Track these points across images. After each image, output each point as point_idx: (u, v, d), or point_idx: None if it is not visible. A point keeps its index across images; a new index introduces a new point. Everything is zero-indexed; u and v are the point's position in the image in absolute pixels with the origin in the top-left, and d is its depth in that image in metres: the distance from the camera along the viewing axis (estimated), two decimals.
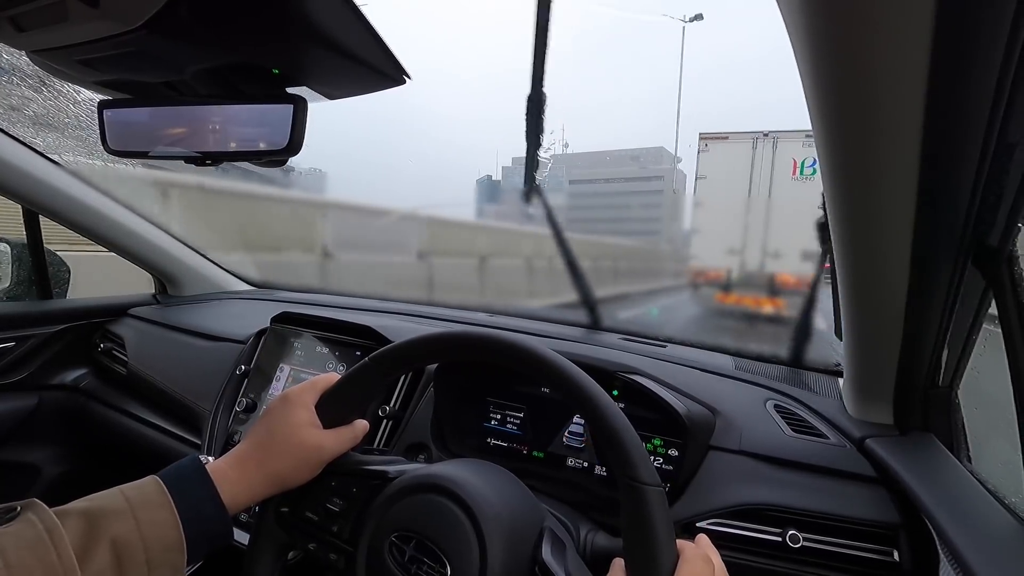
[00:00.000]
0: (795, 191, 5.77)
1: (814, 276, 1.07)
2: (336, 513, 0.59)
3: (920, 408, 0.78)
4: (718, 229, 6.23)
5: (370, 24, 0.47)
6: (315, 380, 0.64)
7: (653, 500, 0.48)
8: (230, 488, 0.55)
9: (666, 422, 0.81)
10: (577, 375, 0.54)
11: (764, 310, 5.81)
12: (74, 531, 0.45)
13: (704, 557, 0.49)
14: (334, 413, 0.62)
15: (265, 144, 0.54)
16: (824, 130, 0.48)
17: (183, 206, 2.40)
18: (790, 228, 5.84)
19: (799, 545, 0.71)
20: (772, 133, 5.26)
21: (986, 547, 0.57)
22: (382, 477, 0.59)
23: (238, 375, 1.13)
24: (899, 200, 0.51)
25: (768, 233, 6.06)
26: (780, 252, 5.95)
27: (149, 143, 0.58)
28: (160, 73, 0.54)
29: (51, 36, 0.46)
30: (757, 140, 5.56)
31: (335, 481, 0.61)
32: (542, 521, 0.59)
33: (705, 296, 6.34)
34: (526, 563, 0.53)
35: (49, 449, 1.38)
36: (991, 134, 0.46)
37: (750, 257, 6.10)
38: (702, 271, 6.35)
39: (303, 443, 0.59)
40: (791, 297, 5.66)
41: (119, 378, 1.37)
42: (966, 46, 0.38)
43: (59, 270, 1.47)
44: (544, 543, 0.55)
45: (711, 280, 6.30)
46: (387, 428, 0.96)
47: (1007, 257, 0.58)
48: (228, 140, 0.55)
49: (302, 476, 0.59)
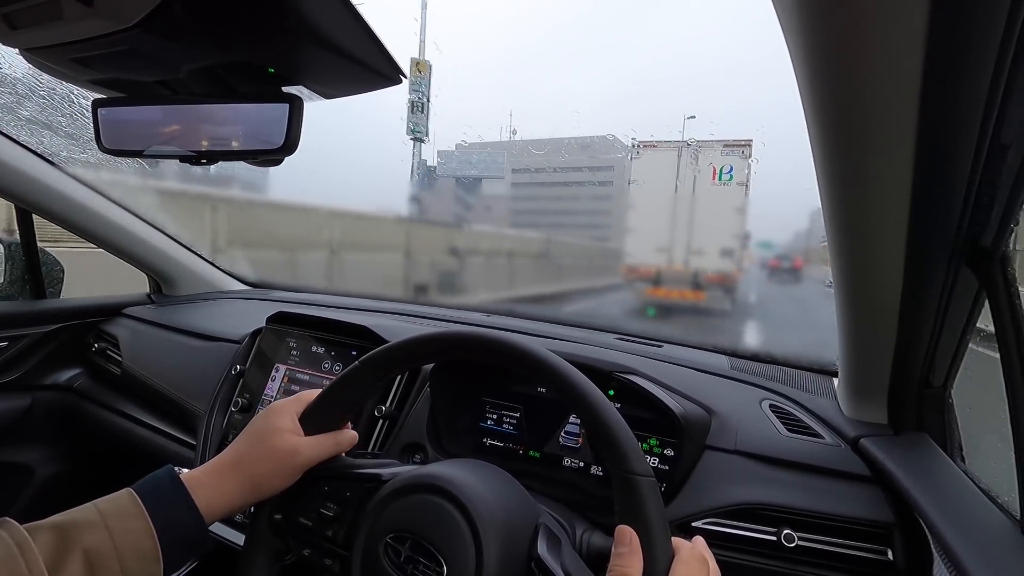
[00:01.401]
0: (715, 195, 6.53)
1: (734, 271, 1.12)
2: (330, 518, 0.59)
3: (914, 408, 0.78)
4: (649, 229, 6.98)
5: (366, 23, 0.46)
6: (301, 394, 0.65)
7: (645, 490, 0.49)
8: (205, 495, 0.55)
9: (662, 422, 0.82)
10: (567, 370, 0.55)
11: (689, 302, 6.65)
12: (45, 544, 0.46)
13: (700, 558, 0.49)
14: (319, 421, 0.62)
15: (261, 143, 0.54)
16: (819, 132, 0.49)
17: None
18: (711, 229, 6.67)
19: (794, 544, 0.71)
20: (694, 143, 5.83)
21: (979, 546, 0.57)
22: (376, 480, 0.59)
23: (233, 375, 1.13)
24: (893, 201, 0.51)
25: (692, 233, 6.89)
26: (703, 250, 6.79)
27: (144, 142, 0.58)
28: (155, 72, 0.53)
29: (45, 34, 0.46)
30: (682, 148, 6.15)
31: (328, 486, 0.61)
32: (537, 518, 0.59)
33: (639, 290, 7.12)
34: (522, 560, 0.53)
35: (42, 450, 1.37)
36: (984, 136, 0.47)
37: (676, 254, 6.94)
38: (635, 267, 7.12)
39: (277, 448, 0.59)
40: (712, 291, 6.65)
41: (113, 378, 1.36)
42: (959, 48, 0.39)
43: (53, 269, 1.46)
44: (540, 539, 0.55)
45: (643, 276, 7.06)
46: (383, 428, 0.96)
47: (1000, 257, 0.58)
48: (223, 139, 0.55)
49: (278, 481, 0.59)
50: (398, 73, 0.53)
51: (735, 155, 4.86)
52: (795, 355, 1.08)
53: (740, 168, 4.99)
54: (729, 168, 5.06)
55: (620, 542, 0.48)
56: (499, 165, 7.37)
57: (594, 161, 7.18)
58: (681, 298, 6.68)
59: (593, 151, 6.75)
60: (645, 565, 0.46)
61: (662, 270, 6.92)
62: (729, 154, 4.88)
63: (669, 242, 6.93)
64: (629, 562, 0.46)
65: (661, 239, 6.93)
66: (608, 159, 7.07)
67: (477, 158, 7.33)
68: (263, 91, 0.54)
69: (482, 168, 7.38)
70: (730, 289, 6.93)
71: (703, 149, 5.22)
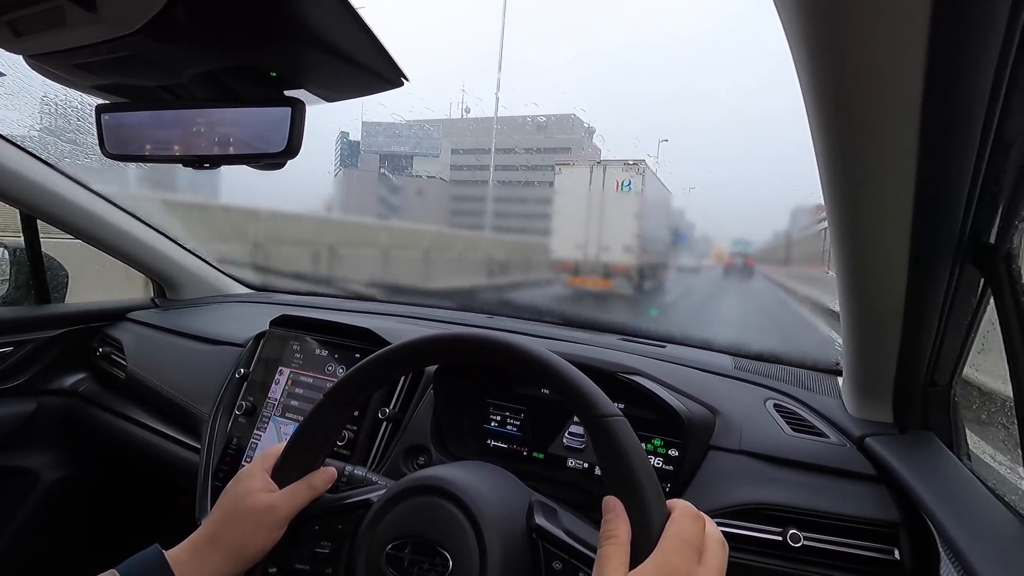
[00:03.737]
0: (618, 203, 8.40)
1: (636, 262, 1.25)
2: (327, 555, 0.58)
3: (920, 406, 0.78)
4: (569, 230, 8.74)
5: (367, 26, 0.46)
6: (267, 451, 0.64)
7: (618, 428, 0.49)
8: (186, 572, 0.54)
9: (666, 422, 0.81)
10: (519, 343, 0.55)
11: (601, 288, 8.36)
12: None
13: (693, 515, 0.48)
14: (290, 472, 0.61)
15: (263, 147, 0.54)
16: (822, 132, 0.48)
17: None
18: (616, 229, 8.52)
19: (800, 544, 0.71)
20: (603, 161, 7.71)
21: (986, 544, 0.57)
22: (366, 507, 0.59)
23: (237, 379, 1.13)
24: (897, 200, 0.51)
25: (601, 233, 8.74)
26: (609, 246, 8.61)
27: (146, 147, 0.58)
28: (157, 77, 0.54)
29: (48, 41, 0.46)
30: (593, 166, 8.14)
31: (318, 525, 0.60)
32: (529, 497, 0.60)
33: (562, 279, 8.85)
34: (522, 535, 0.54)
35: (48, 454, 1.37)
36: (988, 133, 0.47)
37: (590, 250, 8.73)
38: (560, 261, 8.85)
39: (252, 509, 0.58)
40: (619, 278, 8.49)
41: (118, 382, 1.37)
42: (962, 45, 0.39)
43: (57, 274, 1.47)
44: (536, 512, 0.56)
45: (565, 268, 8.80)
46: (387, 430, 0.96)
47: (1005, 255, 0.58)
48: (226, 143, 0.55)
49: (261, 542, 0.58)
50: (400, 76, 0.53)
51: (632, 171, 6.37)
52: (800, 355, 1.08)
53: (636, 182, 6.87)
54: (628, 181, 6.81)
55: (607, 509, 0.48)
56: (434, 141, 7.11)
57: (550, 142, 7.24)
58: (595, 285, 8.40)
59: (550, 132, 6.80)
60: (637, 522, 0.46)
61: (579, 262, 8.71)
62: (627, 171, 6.36)
63: (584, 240, 8.76)
64: (615, 526, 0.46)
65: (579, 238, 8.75)
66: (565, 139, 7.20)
67: (408, 133, 7.06)
68: (265, 95, 0.54)
69: (413, 144, 6.99)
70: (633, 277, 8.68)
71: (609, 166, 6.83)
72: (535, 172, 7.72)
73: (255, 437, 1.05)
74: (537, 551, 0.54)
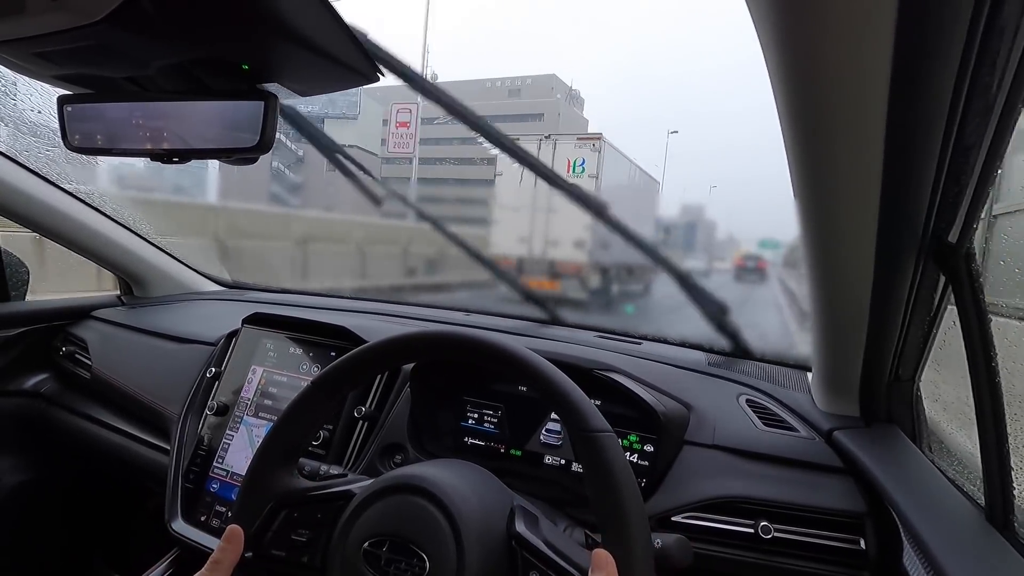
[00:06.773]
0: None
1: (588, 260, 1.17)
2: (303, 543, 0.58)
3: (884, 400, 0.80)
4: (511, 220, 7.06)
5: (342, 19, 0.46)
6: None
7: (607, 445, 0.50)
8: None
9: (641, 418, 0.82)
10: (512, 347, 0.55)
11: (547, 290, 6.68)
12: None
13: None
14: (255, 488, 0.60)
15: (234, 141, 0.53)
16: (791, 133, 0.49)
17: None
18: (566, 220, 6.87)
19: (770, 536, 0.73)
20: (553, 135, 5.96)
21: (946, 533, 0.59)
22: (347, 498, 0.58)
23: (208, 378, 1.10)
24: (864, 201, 0.53)
25: (549, 225, 7.17)
26: (557, 240, 7.08)
27: (113, 140, 0.56)
28: (123, 68, 0.52)
29: (6, 28, 0.44)
30: (541, 141, 6.28)
31: (296, 512, 0.59)
32: (511, 500, 0.59)
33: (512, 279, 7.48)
34: (502, 540, 0.54)
35: (8, 458, 1.32)
36: (949, 137, 0.48)
37: (535, 244, 7.18)
38: (502, 257, 7.08)
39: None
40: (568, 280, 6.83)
41: (82, 383, 1.32)
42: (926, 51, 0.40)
43: (17, 271, 1.41)
44: (517, 518, 0.55)
45: (508, 265, 7.01)
46: (363, 429, 0.95)
47: (965, 253, 0.60)
48: (196, 137, 0.54)
49: None
50: (374, 70, 0.53)
51: (587, 148, 5.29)
52: (772, 351, 1.10)
53: (592, 161, 5.41)
54: (582, 160, 5.42)
55: (597, 566, 0.47)
56: (350, 100, 5.68)
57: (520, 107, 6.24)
58: (540, 287, 6.68)
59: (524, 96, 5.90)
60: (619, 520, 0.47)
61: (523, 259, 7.15)
62: (581, 147, 5.29)
63: (529, 233, 7.18)
64: None
65: (522, 229, 7.17)
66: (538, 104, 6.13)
67: None
68: (237, 88, 0.53)
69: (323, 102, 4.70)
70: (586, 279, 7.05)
71: (560, 141, 5.50)
72: (473, 147, 6.29)
73: (227, 437, 1.03)
74: (516, 560, 0.53)
